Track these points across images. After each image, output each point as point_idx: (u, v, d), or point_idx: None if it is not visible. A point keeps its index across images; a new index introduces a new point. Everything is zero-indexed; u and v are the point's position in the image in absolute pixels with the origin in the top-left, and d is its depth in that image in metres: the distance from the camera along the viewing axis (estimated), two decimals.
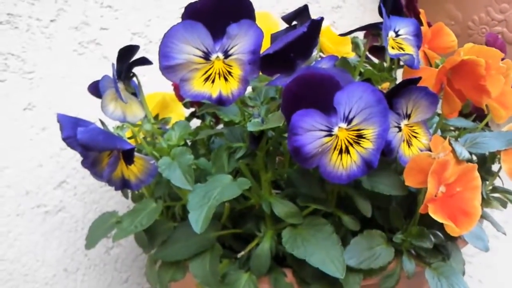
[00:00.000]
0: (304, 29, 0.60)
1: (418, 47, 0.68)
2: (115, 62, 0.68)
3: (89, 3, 0.95)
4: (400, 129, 0.62)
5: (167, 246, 0.69)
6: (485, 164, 0.80)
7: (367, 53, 0.94)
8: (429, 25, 0.87)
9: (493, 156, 0.78)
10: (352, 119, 0.56)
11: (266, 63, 0.61)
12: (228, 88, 0.61)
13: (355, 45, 0.92)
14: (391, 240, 0.67)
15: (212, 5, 0.61)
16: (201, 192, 0.61)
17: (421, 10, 0.88)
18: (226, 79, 0.62)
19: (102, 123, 0.64)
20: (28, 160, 0.87)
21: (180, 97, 0.86)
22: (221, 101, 0.61)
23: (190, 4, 0.61)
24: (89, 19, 0.95)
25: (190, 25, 0.61)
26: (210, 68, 0.62)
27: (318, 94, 0.57)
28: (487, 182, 0.80)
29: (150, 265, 0.74)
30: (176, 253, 0.68)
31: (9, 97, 0.86)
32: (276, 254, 0.67)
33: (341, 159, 0.57)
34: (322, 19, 0.62)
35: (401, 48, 0.66)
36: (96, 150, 0.61)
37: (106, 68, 0.70)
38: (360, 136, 0.57)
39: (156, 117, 0.84)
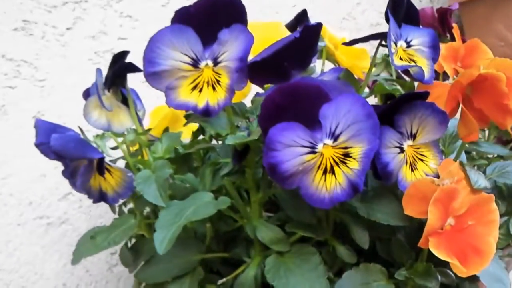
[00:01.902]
0: (296, 35, 0.54)
1: (434, 60, 0.60)
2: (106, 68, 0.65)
3: (109, 12, 0.93)
4: (402, 150, 0.55)
5: (148, 267, 0.64)
6: None
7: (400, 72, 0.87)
8: (464, 41, 0.79)
9: None
10: (339, 135, 0.50)
11: (254, 71, 0.56)
12: (215, 98, 0.56)
13: (386, 63, 0.85)
14: (393, 276, 0.59)
15: (205, 9, 0.57)
16: (175, 210, 0.56)
17: (454, 25, 0.80)
18: (214, 88, 0.57)
19: (81, 130, 0.61)
20: (33, 170, 0.85)
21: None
22: (207, 112, 0.57)
23: (182, 8, 0.58)
24: (107, 28, 0.93)
25: (179, 29, 0.57)
26: (199, 76, 0.58)
27: (303, 106, 0.51)
28: None
29: (136, 285, 0.69)
30: (157, 275, 0.63)
31: (18, 104, 0.85)
32: (266, 283, 0.61)
33: (325, 180, 0.50)
34: (319, 24, 0.56)
35: (413, 60, 0.59)
36: (68, 158, 0.58)
37: None
38: (346, 155, 0.50)
39: (166, 130, 0.80)
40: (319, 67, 0.73)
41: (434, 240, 0.52)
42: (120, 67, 0.63)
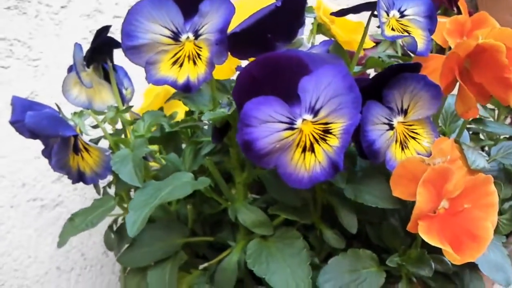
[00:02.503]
0: (278, 4, 0.51)
1: (431, 31, 0.56)
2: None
3: None
4: (391, 127, 0.51)
5: (131, 250, 0.61)
6: None
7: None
8: (470, 14, 0.74)
9: None
10: (319, 110, 0.46)
11: (235, 43, 0.53)
12: (195, 72, 0.54)
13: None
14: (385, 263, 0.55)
15: None
16: (151, 190, 0.53)
17: None
18: (195, 63, 0.54)
19: (58, 108, 0.58)
20: (27, 151, 0.83)
21: None
22: (187, 88, 0.54)
23: None
24: (103, 7, 0.90)
25: (158, 1, 0.54)
26: (180, 50, 0.55)
27: (282, 79, 0.47)
28: None
29: (123, 269, 0.67)
30: (139, 259, 0.60)
31: (11, 84, 0.83)
32: None
33: (304, 158, 0.47)
34: None
35: (407, 31, 0.54)
36: (42, 136, 0.56)
37: (116, 58, 0.65)
38: (326, 131, 0.46)
39: (160, 110, 0.77)
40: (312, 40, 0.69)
41: (424, 224, 0.48)
42: (100, 42, 0.60)
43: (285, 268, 0.51)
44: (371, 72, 0.79)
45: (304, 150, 0.47)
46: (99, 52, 0.61)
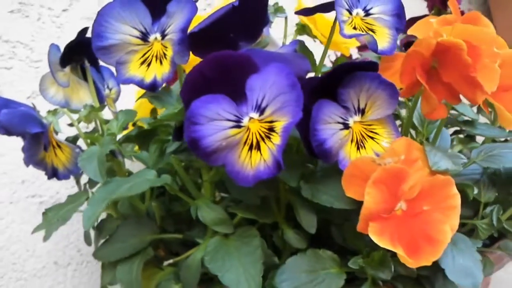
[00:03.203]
0: (235, 3, 0.51)
1: (399, 30, 0.55)
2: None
3: None
4: (346, 127, 0.50)
5: (105, 246, 0.62)
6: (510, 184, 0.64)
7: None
8: (462, 13, 0.72)
9: None
10: (265, 108, 0.46)
11: (196, 43, 0.53)
12: (160, 72, 0.55)
13: None
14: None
15: None
16: (113, 187, 0.54)
17: None
18: (161, 62, 0.55)
19: (34, 106, 0.60)
20: None
21: None
22: (154, 87, 0.55)
23: None
24: None
25: (128, 2, 0.57)
26: (148, 51, 0.56)
27: (231, 78, 0.48)
28: None
29: (102, 264, 0.68)
30: (112, 254, 0.61)
31: (13, 84, 0.86)
32: None
33: (250, 156, 0.47)
34: None
35: (371, 30, 0.53)
36: (14, 132, 0.57)
37: None
38: (271, 129, 0.46)
39: (153, 111, 0.78)
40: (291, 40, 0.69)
41: (375, 225, 0.47)
42: (75, 42, 0.62)
43: (238, 267, 0.51)
44: None
45: (251, 148, 0.47)
46: (75, 53, 0.62)
